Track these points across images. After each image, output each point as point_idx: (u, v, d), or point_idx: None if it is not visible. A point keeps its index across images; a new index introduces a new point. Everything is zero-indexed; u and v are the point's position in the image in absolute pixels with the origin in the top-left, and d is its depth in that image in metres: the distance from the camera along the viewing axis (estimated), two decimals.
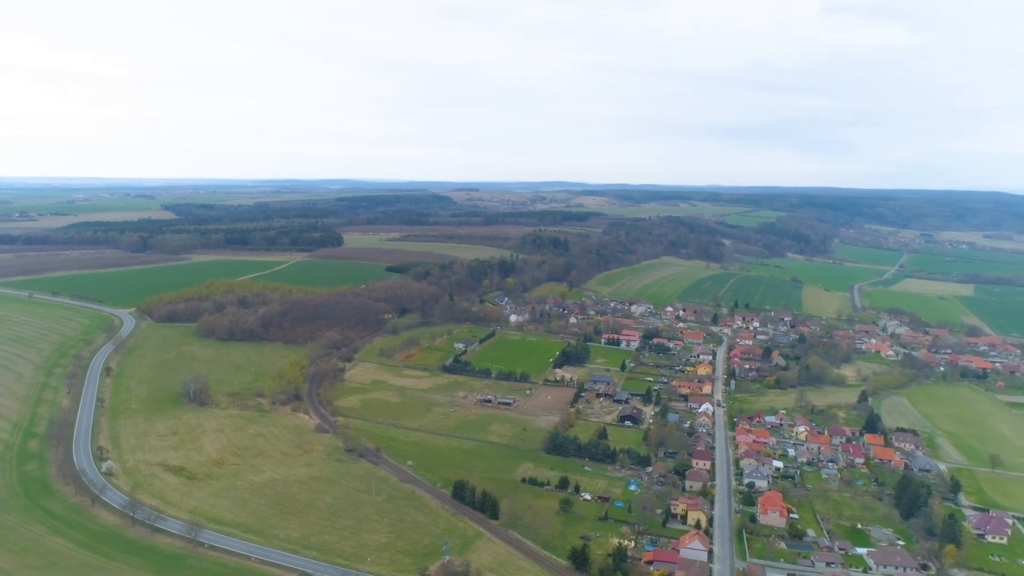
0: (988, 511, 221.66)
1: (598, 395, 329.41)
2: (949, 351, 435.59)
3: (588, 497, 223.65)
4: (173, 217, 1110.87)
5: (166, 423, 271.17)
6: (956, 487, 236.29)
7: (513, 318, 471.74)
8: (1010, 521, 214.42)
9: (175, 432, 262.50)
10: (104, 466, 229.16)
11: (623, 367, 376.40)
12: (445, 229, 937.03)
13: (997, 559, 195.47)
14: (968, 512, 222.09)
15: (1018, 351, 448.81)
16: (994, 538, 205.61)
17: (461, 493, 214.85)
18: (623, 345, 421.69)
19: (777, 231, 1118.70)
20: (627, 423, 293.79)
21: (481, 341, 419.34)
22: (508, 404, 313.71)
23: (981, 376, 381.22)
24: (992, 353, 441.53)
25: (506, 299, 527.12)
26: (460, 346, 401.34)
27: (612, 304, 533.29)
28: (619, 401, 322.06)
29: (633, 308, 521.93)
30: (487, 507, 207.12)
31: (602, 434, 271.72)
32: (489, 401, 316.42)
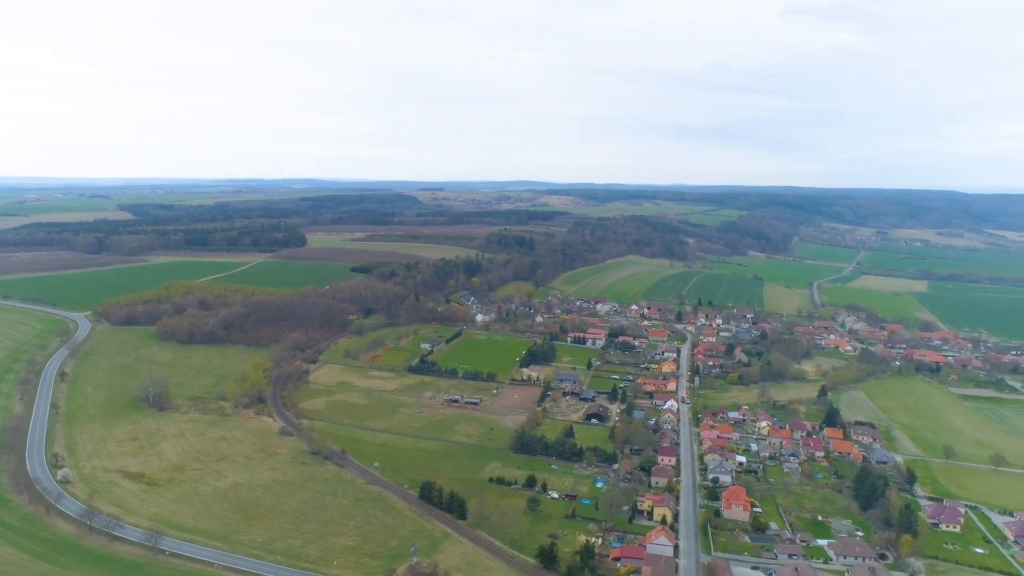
0: (942, 501, 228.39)
1: (565, 394, 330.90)
2: (904, 346, 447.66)
3: (555, 495, 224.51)
4: (130, 218, 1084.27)
5: (124, 428, 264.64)
6: (912, 478, 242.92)
7: (479, 318, 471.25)
8: (963, 510, 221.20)
9: (134, 438, 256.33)
10: (59, 474, 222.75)
11: (589, 365, 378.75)
12: (410, 229, 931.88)
13: (951, 547, 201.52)
14: (923, 502, 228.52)
15: (969, 345, 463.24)
16: (948, 527, 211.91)
17: (428, 494, 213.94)
18: (589, 344, 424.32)
19: (739, 230, 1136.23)
20: (593, 421, 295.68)
21: (447, 341, 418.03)
22: (475, 404, 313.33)
23: (935, 370, 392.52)
24: (945, 347, 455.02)
25: (472, 299, 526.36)
26: (426, 346, 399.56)
27: (578, 303, 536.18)
28: (585, 399, 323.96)
29: (599, 307, 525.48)
30: (455, 507, 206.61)
31: (569, 432, 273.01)
32: (456, 401, 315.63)
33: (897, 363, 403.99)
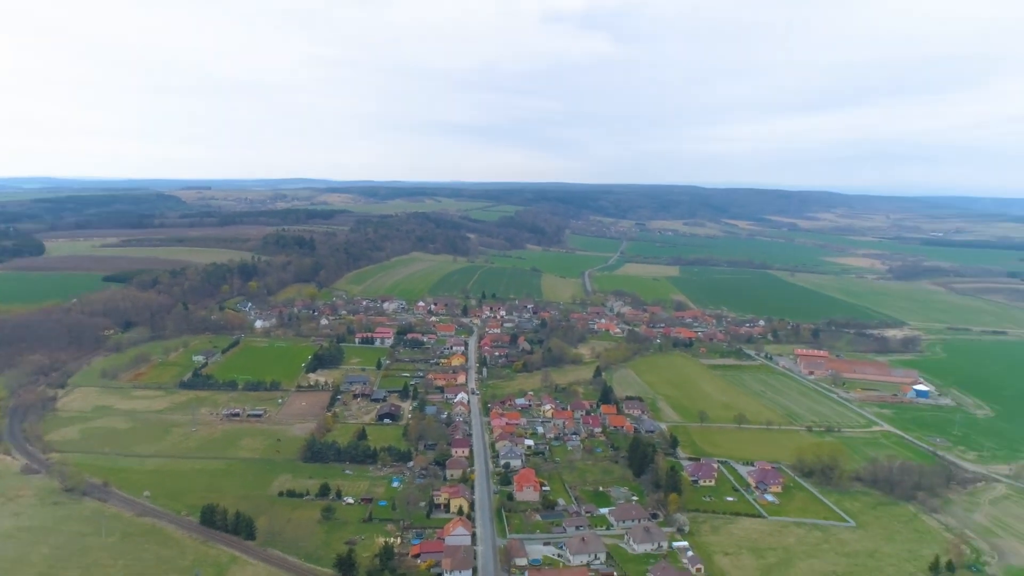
0: (700, 460, 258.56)
1: (355, 396, 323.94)
2: (663, 325, 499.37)
3: (351, 501, 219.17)
4: None
5: None
6: (675, 442, 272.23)
7: (259, 324, 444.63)
8: (716, 466, 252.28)
9: None
10: None
11: (379, 365, 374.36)
12: (174, 232, 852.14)
13: (708, 499, 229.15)
14: (685, 463, 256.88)
15: (714, 321, 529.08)
16: (705, 482, 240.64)
17: (211, 518, 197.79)
18: (378, 343, 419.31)
19: (516, 224, 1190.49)
20: (386, 421, 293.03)
21: (224, 351, 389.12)
22: (259, 415, 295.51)
23: (688, 345, 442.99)
24: (695, 324, 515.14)
25: (249, 304, 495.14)
26: (200, 359, 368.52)
27: (364, 302, 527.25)
28: (377, 400, 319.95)
29: (386, 305, 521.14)
30: (242, 528, 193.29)
31: (361, 435, 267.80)
32: (237, 415, 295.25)
33: (658, 341, 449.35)
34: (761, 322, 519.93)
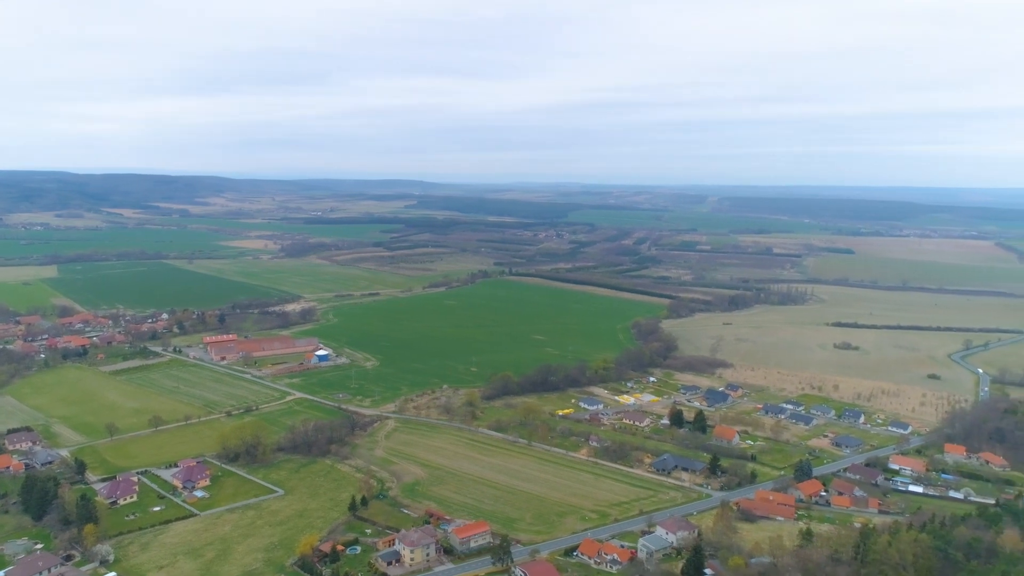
0: (116, 477, 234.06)
1: None
2: (46, 336, 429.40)
3: None
4: None
5: None
6: (82, 467, 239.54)
7: None
8: (135, 479, 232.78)
9: None
10: None
11: None
12: None
13: (132, 517, 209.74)
14: (98, 486, 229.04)
15: (110, 322, 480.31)
16: (126, 499, 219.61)
17: None
18: None
19: None
20: None
21: None
22: None
23: (82, 354, 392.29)
24: (88, 329, 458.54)
25: None
26: None
27: None
28: None
29: None
30: None
31: None
32: None
33: (42, 356, 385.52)
34: (164, 315, 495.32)
